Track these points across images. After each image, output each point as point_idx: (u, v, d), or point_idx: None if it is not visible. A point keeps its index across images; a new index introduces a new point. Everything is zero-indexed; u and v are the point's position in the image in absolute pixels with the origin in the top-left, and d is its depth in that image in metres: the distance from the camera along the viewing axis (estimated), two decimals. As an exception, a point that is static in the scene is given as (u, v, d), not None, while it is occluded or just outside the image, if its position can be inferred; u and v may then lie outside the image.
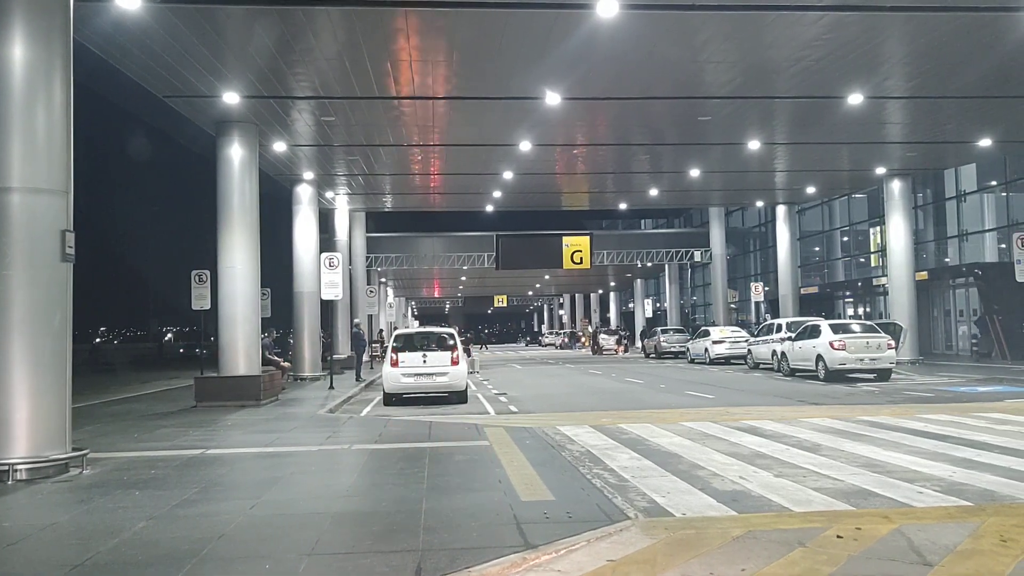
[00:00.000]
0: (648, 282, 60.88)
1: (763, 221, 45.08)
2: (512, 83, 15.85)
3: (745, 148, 22.41)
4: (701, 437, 10.56)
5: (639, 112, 18.47)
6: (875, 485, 7.20)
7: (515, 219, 45.64)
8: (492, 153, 22.70)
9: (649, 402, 16.18)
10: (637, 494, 7.13)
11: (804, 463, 8.44)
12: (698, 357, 31.49)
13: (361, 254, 35.41)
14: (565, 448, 9.89)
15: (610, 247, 42.40)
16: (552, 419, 13.23)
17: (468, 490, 7.45)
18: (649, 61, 14.76)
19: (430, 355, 16.74)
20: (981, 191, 30.38)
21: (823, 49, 13.87)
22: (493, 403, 16.95)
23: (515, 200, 33.36)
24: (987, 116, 19.42)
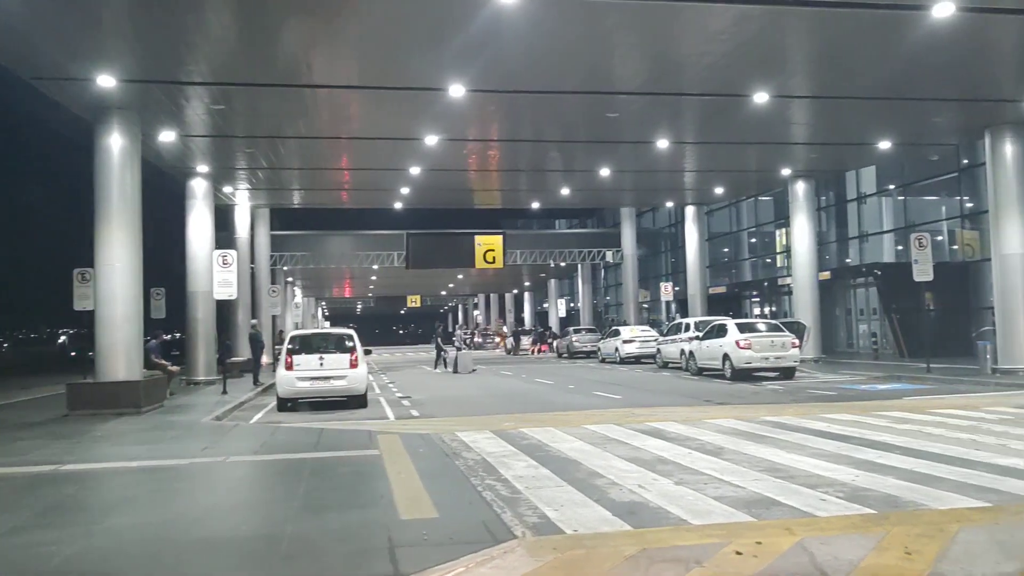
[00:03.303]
0: (562, 282, 60.89)
1: (673, 222, 45.51)
2: (415, 73, 15.16)
3: (654, 147, 22.26)
4: (603, 441, 10.12)
5: (547, 107, 17.99)
6: (777, 492, 6.85)
7: (428, 217, 44.93)
8: (400, 148, 21.91)
9: (556, 404, 15.74)
10: (529, 508, 6.59)
11: (706, 468, 8.06)
12: (609, 356, 31.38)
13: (265, 252, 33.98)
14: (460, 456, 9.29)
15: (524, 247, 42.02)
16: (453, 424, 12.62)
17: (345, 508, 6.77)
18: (554, 52, 14.29)
19: (327, 357, 15.92)
20: (880, 194, 31.22)
21: (729, 44, 13.66)
22: (395, 407, 16.23)
23: (426, 198, 32.60)
24: (886, 118, 19.73)
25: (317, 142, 21.36)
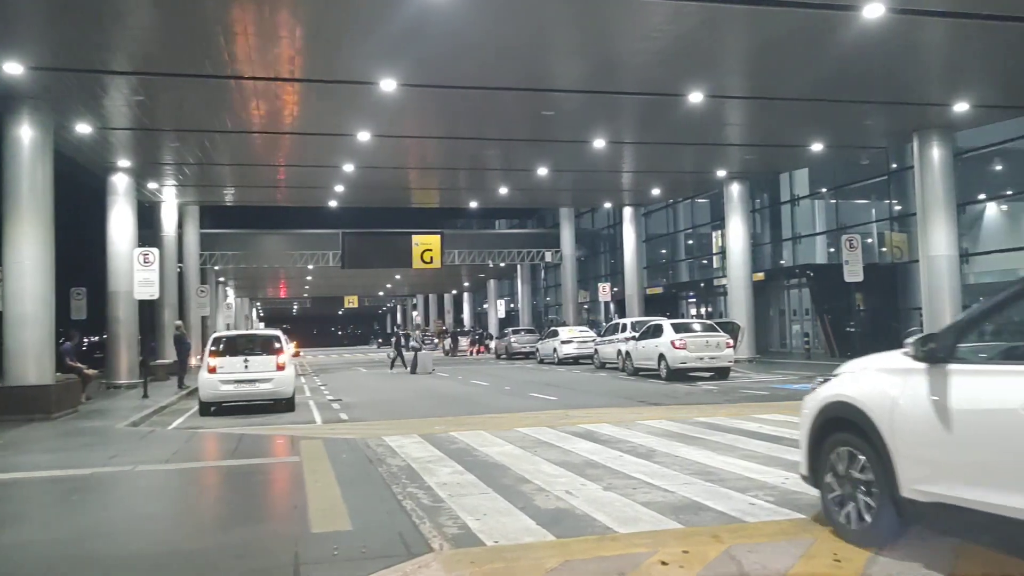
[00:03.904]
0: (502, 282, 60.67)
1: (612, 223, 45.66)
2: (345, 65, 14.72)
3: (592, 146, 22.16)
4: (534, 445, 9.85)
5: (483, 104, 17.67)
6: (707, 497, 6.66)
7: (364, 216, 44.11)
8: (333, 144, 21.35)
9: (490, 406, 15.43)
10: (450, 517, 6.26)
11: (636, 472, 7.85)
12: (547, 357, 31.23)
13: (194, 251, 32.96)
14: (384, 462, 8.91)
15: (462, 247, 41.69)
16: (381, 428, 12.22)
17: (252, 520, 6.35)
18: (488, 47, 14.01)
19: (253, 360, 15.33)
20: (813, 196, 31.74)
21: (663, 40, 13.55)
22: (324, 411, 15.73)
23: (363, 196, 32.01)
24: (818, 120, 19.97)
25: (247, 137, 20.66)
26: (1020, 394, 4.12)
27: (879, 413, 5.00)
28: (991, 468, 4.31)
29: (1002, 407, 4.22)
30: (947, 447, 4.56)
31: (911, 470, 4.78)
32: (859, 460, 5.16)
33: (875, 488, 5.03)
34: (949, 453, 4.56)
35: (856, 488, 5.19)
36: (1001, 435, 4.23)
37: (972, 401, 4.46)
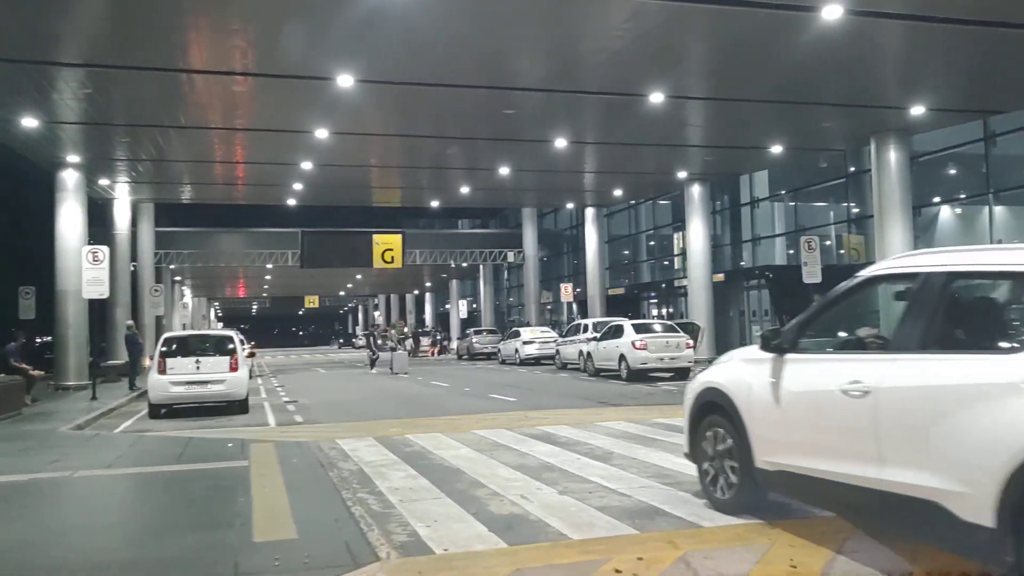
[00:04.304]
0: (464, 283, 60.40)
1: (575, 224, 45.65)
2: (300, 60, 14.37)
3: (554, 146, 22.05)
4: (491, 448, 9.67)
5: (443, 101, 17.43)
6: (663, 500, 6.53)
7: (325, 215, 43.64)
8: (289, 140, 20.93)
9: (449, 407, 15.22)
10: (399, 524, 6.06)
11: (593, 475, 7.70)
12: (509, 358, 31.08)
13: (149, 250, 32.19)
14: (336, 466, 8.66)
15: (424, 246, 41.37)
16: (336, 430, 11.95)
17: (193, 529, 6.08)
18: (447, 43, 13.80)
19: (205, 360, 14.95)
20: (772, 198, 31.99)
21: (624, 39, 13.46)
22: (279, 412, 15.39)
23: (322, 195, 31.57)
24: (778, 122, 20.07)
25: (202, 133, 20.22)
26: (839, 378, 4.87)
27: (739, 397, 5.78)
28: (818, 441, 5.09)
29: (825, 389, 4.99)
30: (787, 424, 5.37)
31: (762, 445, 5.56)
32: (726, 439, 5.94)
33: (738, 462, 5.81)
34: (788, 429, 5.36)
35: (724, 463, 5.99)
36: (824, 412, 5.04)
37: (805, 385, 5.26)
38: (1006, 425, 3.85)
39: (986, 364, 4.14)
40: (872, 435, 4.62)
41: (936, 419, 4.24)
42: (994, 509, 3.84)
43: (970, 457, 4.02)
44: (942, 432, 4.19)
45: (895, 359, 4.65)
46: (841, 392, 4.82)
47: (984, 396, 4.03)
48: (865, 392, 4.67)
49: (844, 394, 4.80)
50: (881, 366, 4.71)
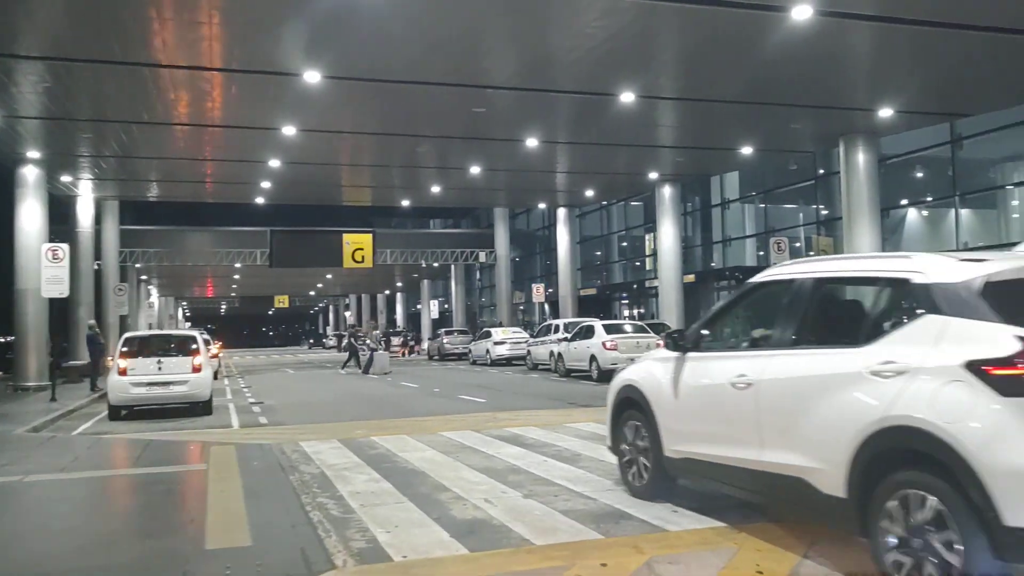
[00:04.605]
0: (436, 283, 60.13)
1: (547, 224, 45.62)
2: (266, 55, 14.12)
3: (525, 146, 21.94)
4: (457, 450, 9.51)
5: (413, 99, 17.23)
6: (629, 504, 6.42)
7: (294, 214, 43.15)
8: (257, 138, 20.63)
9: (417, 409, 15.05)
10: (359, 530, 5.89)
11: (560, 478, 7.58)
12: (480, 358, 30.92)
13: (113, 248, 31.59)
14: (297, 470, 8.47)
15: (395, 246, 41.07)
16: (300, 432, 11.73)
17: (145, 536, 5.88)
18: (417, 40, 13.62)
19: (167, 361, 14.63)
20: (743, 200, 32.15)
21: (596, 38, 13.37)
22: (243, 414, 15.12)
23: (291, 193, 31.20)
24: (748, 123, 20.11)
25: (168, 129, 19.83)
26: (729, 373, 5.41)
27: (651, 393, 6.32)
28: (713, 429, 5.65)
29: (718, 383, 5.55)
30: (688, 416, 5.94)
31: (669, 435, 6.10)
32: (641, 431, 6.46)
33: (650, 452, 6.33)
34: (690, 420, 5.93)
35: (639, 453, 6.52)
36: (717, 404, 5.61)
37: (702, 380, 5.81)
38: (853, 408, 4.40)
39: (841, 356, 4.68)
40: (754, 423, 5.19)
41: (802, 406, 4.80)
42: (845, 482, 4.40)
43: (827, 438, 4.54)
44: (806, 417, 4.74)
45: (773, 355, 5.20)
46: (730, 385, 5.38)
47: (838, 384, 4.57)
48: (748, 385, 5.24)
49: (732, 387, 5.37)
50: (762, 361, 5.24)
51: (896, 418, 4.15)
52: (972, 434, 3.81)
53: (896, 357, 4.28)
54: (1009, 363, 3.79)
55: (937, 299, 4.25)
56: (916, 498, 4.01)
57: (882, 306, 4.88)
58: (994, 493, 3.67)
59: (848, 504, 4.40)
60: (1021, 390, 3.75)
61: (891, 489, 4.14)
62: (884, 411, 4.21)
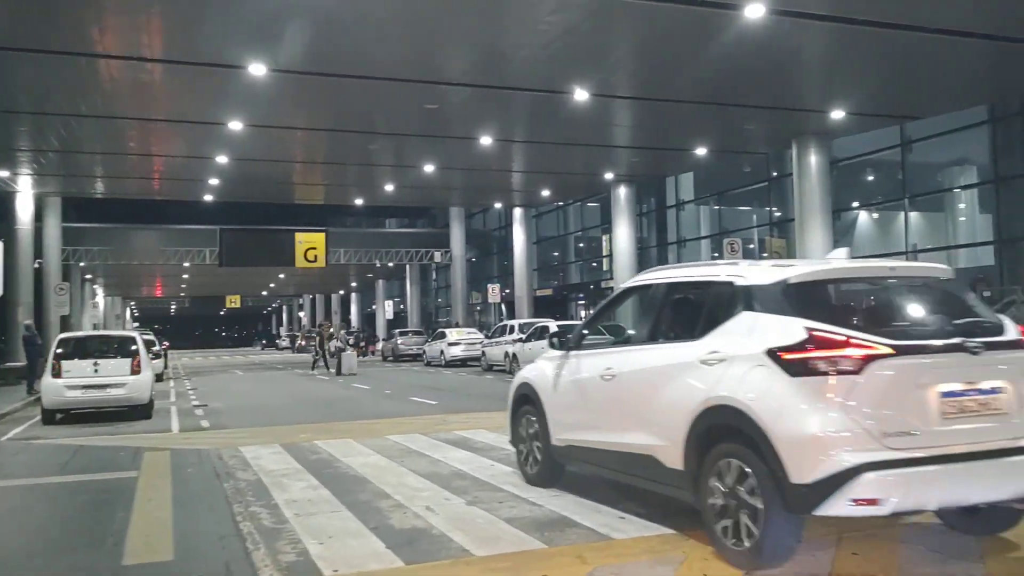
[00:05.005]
0: (392, 283, 59.54)
1: (504, 224, 45.41)
2: (209, 46, 13.67)
3: (480, 144, 21.69)
4: (403, 454, 9.22)
5: (364, 95, 16.86)
6: (575, 510, 6.19)
7: (247, 212, 42.41)
8: (203, 132, 20.09)
9: (366, 411, 14.70)
10: (290, 542, 5.57)
11: (506, 483, 7.33)
12: (434, 359, 30.56)
13: (55, 246, 30.54)
14: (233, 477, 8.10)
15: (349, 245, 40.50)
16: (242, 437, 11.32)
17: (61, 551, 5.50)
18: (365, 33, 13.28)
19: (104, 363, 14.08)
20: (697, 201, 32.27)
21: (550, 33, 13.16)
22: (185, 417, 14.62)
23: (241, 191, 30.54)
24: (703, 123, 20.10)
25: (110, 123, 19.17)
26: (600, 368, 6.14)
27: (541, 388, 6.98)
28: (587, 418, 6.32)
29: (591, 377, 6.27)
30: (569, 407, 6.59)
31: (555, 426, 6.73)
32: (534, 423, 7.05)
33: (541, 442, 6.94)
34: (570, 411, 6.58)
35: (532, 444, 7.12)
36: (590, 396, 6.32)
37: (579, 375, 6.48)
38: (687, 392, 5.11)
39: (682, 349, 5.39)
40: (617, 410, 5.92)
41: (650, 393, 5.52)
42: (683, 456, 5.09)
43: (669, 419, 5.22)
44: (654, 402, 5.45)
45: (632, 350, 6.00)
46: (600, 378, 6.11)
47: (677, 372, 5.29)
48: (613, 377, 5.97)
49: (601, 379, 6.09)
50: (624, 356, 6.01)
51: (716, 398, 4.86)
52: (768, 409, 4.54)
53: (719, 347, 5.00)
54: (797, 349, 4.52)
55: (751, 298, 4.99)
56: (733, 465, 4.72)
57: (714, 305, 5.42)
58: (783, 457, 4.40)
59: (685, 475, 5.10)
60: (806, 371, 4.46)
61: (715, 459, 4.86)
62: (708, 393, 4.93)
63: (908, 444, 4.33)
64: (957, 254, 25.89)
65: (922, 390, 4.43)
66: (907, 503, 4.37)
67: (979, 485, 4.49)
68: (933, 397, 4.43)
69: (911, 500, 4.37)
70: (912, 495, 4.33)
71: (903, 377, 4.42)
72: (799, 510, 4.42)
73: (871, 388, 4.37)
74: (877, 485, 4.23)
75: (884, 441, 4.31)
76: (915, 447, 4.34)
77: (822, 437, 4.33)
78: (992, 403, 4.56)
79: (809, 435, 4.36)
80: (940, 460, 4.36)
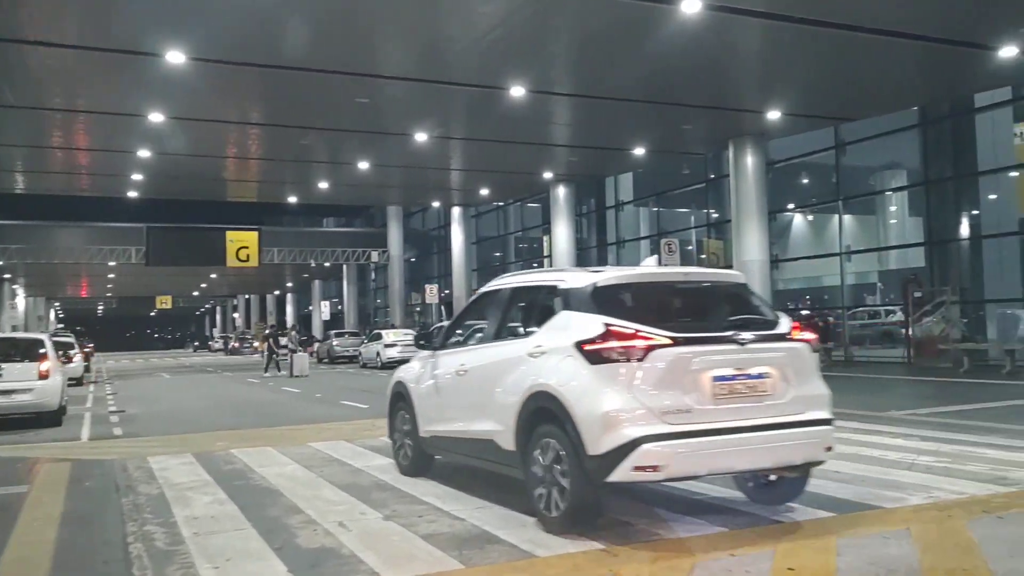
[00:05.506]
0: (329, 283, 58.44)
1: (443, 224, 44.87)
2: (124, 31, 12.91)
3: (415, 140, 21.18)
4: (323, 463, 8.69)
5: (291, 87, 16.24)
6: (500, 524, 5.78)
7: (177, 209, 40.94)
8: (123, 124, 19.10)
9: (292, 416, 14.09)
10: (181, 566, 5.04)
11: (429, 495, 6.89)
12: (370, 361, 29.91)
13: (-31, 244, 29.07)
14: (135, 491, 7.49)
15: (284, 244, 39.53)
16: (154, 445, 10.64)
17: (-87, 581, 4.87)
18: (293, 20, 12.71)
19: (8, 368, 13.17)
20: (637, 202, 32.27)
21: (484, 24, 12.79)
22: (98, 424, 13.80)
23: (168, 187, 29.51)
24: (641, 122, 19.96)
25: (23, 113, 18.12)
26: (456, 364, 6.86)
27: (411, 386, 7.67)
28: (446, 411, 7.00)
29: (448, 372, 6.98)
30: (433, 401, 7.28)
31: (422, 419, 7.40)
32: (407, 418, 7.71)
33: (412, 436, 7.59)
34: (433, 404, 7.26)
35: (404, 437, 7.79)
36: (448, 390, 7.02)
37: (440, 371, 7.16)
38: (517, 382, 5.85)
39: (516, 344, 6.19)
40: (468, 401, 6.63)
41: (491, 384, 6.21)
42: (515, 438, 5.81)
43: (504, 407, 5.93)
44: (493, 393, 6.15)
45: (482, 347, 6.73)
46: (455, 374, 6.83)
47: (511, 365, 6.02)
48: (465, 372, 6.70)
49: (456, 375, 6.81)
50: (475, 353, 6.76)
51: (537, 386, 5.60)
52: (572, 392, 5.31)
53: (542, 342, 5.77)
54: (596, 341, 5.26)
55: (569, 300, 5.76)
56: (549, 444, 5.45)
57: (543, 306, 6.21)
58: (582, 432, 5.15)
59: (516, 456, 5.82)
60: (601, 360, 5.21)
61: (536, 439, 5.58)
62: (532, 381, 5.66)
63: (683, 420, 5.09)
64: (889, 256, 26.37)
65: (697, 374, 5.18)
66: (681, 470, 5.19)
67: (744, 456, 5.27)
68: (706, 380, 5.19)
69: (685, 467, 5.17)
70: (685, 463, 5.12)
71: (680, 363, 5.16)
72: (595, 478, 5.13)
73: (653, 373, 5.12)
74: (655, 454, 4.99)
75: (663, 417, 5.06)
76: (689, 423, 5.09)
77: (611, 414, 5.07)
78: (759, 386, 5.35)
79: (601, 413, 5.10)
80: (711, 433, 5.13)
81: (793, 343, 5.60)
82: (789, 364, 5.48)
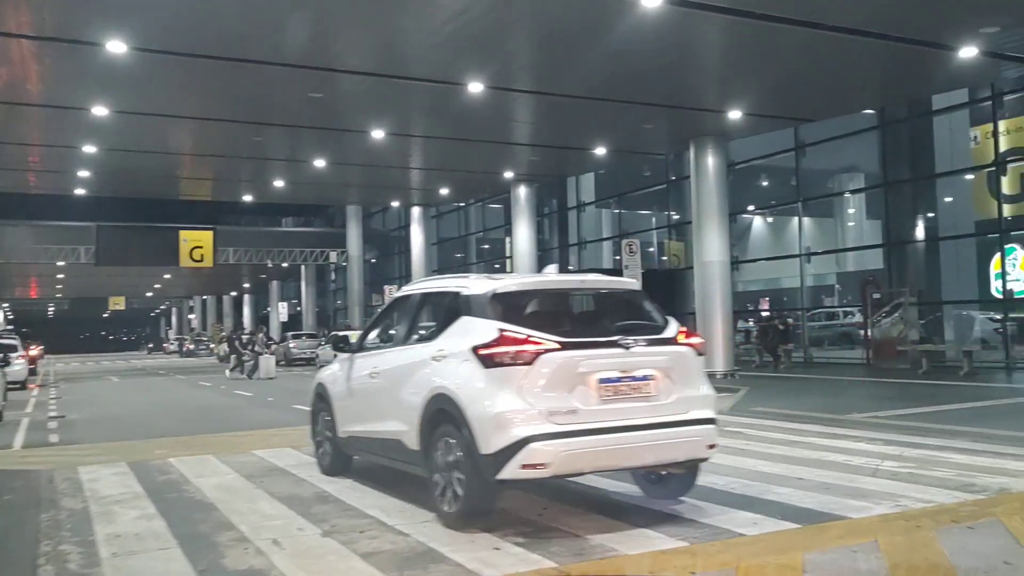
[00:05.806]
0: (287, 284, 57.46)
1: (403, 224, 44.25)
2: (55, 17, 12.23)
3: (374, 138, 20.66)
4: (264, 473, 8.23)
5: (242, 80, 15.60)
6: (446, 540, 5.41)
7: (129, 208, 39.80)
8: (65, 119, 18.23)
9: (240, 422, 13.60)
10: (93, 592, 4.59)
11: (373, 507, 6.49)
12: (327, 364, 29.26)
13: (-93, 242, 27.88)
14: (57, 504, 7.00)
15: (240, 244, 38.67)
16: (88, 454, 10.11)
17: None
18: (241, 9, 12.18)
19: (-62, 372, 12.53)
20: (598, 203, 32.08)
21: (441, 15, 12.33)
22: (35, 431, 13.19)
23: (118, 185, 28.58)
24: (602, 122, 19.66)
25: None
26: (369, 367, 7.12)
27: (331, 388, 7.90)
28: (361, 412, 7.24)
29: (362, 375, 7.22)
30: (348, 403, 7.53)
31: (340, 420, 7.62)
32: (327, 420, 7.90)
33: (331, 436, 7.78)
34: (349, 406, 7.51)
35: (325, 438, 7.97)
36: (362, 392, 7.26)
37: (355, 374, 7.39)
38: (420, 384, 6.08)
39: (421, 348, 6.36)
40: (378, 402, 6.87)
41: (398, 387, 6.44)
42: (418, 438, 6.03)
43: (409, 408, 6.12)
44: (400, 395, 6.38)
45: (392, 350, 6.96)
46: (368, 376, 7.07)
47: (416, 368, 6.24)
48: (377, 374, 6.96)
49: (369, 377, 7.06)
50: (386, 356, 6.98)
51: (437, 388, 5.83)
52: (467, 394, 5.53)
53: (444, 346, 5.97)
54: (490, 345, 5.46)
55: (469, 306, 5.95)
56: (448, 443, 5.66)
57: (447, 311, 6.31)
58: (475, 432, 5.37)
59: (420, 455, 6.03)
60: (494, 363, 5.42)
61: (437, 439, 5.79)
62: (433, 383, 5.88)
63: (570, 420, 5.29)
64: (847, 257, 26.48)
65: (584, 377, 5.40)
66: (567, 467, 5.38)
67: (627, 454, 5.49)
68: (593, 382, 5.41)
69: (570, 465, 5.37)
70: (570, 461, 5.32)
71: (567, 367, 5.38)
72: (487, 475, 5.33)
73: (542, 375, 5.34)
74: (541, 453, 5.19)
75: (550, 418, 5.26)
76: (575, 423, 5.30)
77: (501, 415, 5.27)
78: (643, 388, 5.58)
79: (492, 414, 5.30)
80: (595, 432, 5.34)
81: (678, 347, 5.84)
82: (674, 367, 5.71)
